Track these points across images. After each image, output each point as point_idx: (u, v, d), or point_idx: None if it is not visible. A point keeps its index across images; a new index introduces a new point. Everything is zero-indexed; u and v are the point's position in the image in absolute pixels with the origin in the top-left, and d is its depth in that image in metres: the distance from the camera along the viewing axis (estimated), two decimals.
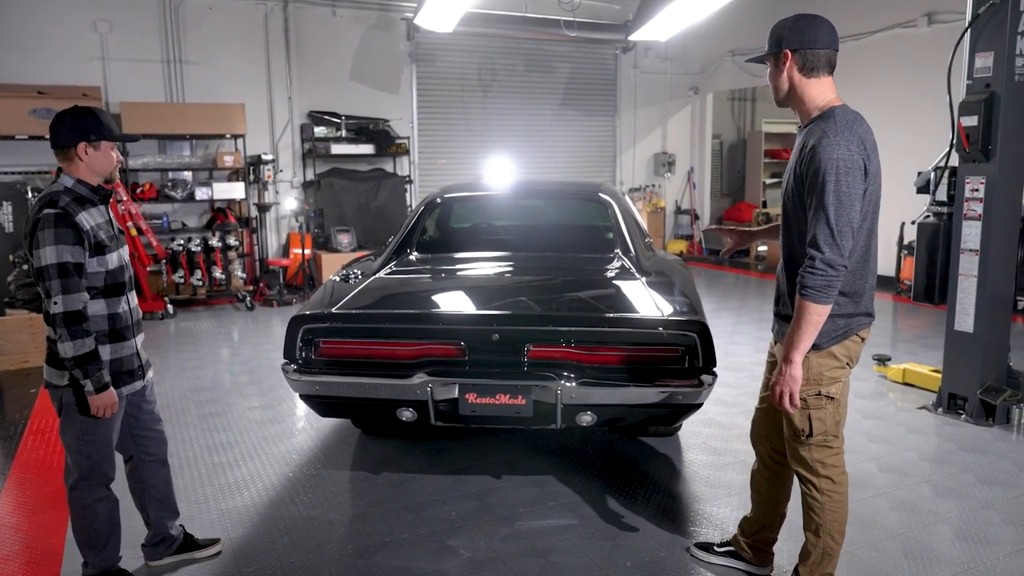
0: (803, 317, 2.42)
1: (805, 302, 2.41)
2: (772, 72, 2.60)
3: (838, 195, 2.35)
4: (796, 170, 2.52)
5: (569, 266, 4.36)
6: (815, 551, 2.75)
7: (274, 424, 4.98)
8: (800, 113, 2.59)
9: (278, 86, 10.02)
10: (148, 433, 3.07)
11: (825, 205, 2.36)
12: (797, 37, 2.51)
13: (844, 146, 2.38)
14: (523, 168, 11.67)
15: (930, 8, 9.30)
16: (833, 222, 2.35)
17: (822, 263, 2.37)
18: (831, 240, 2.36)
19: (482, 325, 3.48)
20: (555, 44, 11.72)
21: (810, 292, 2.39)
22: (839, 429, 2.69)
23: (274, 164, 9.87)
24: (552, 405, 3.41)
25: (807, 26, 2.50)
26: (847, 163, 2.36)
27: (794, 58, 2.50)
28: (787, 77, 2.54)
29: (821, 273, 2.37)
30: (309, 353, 3.57)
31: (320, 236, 10.08)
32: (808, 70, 2.51)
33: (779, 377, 2.52)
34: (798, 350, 2.47)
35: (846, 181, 2.36)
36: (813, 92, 2.52)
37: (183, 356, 6.83)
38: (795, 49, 2.50)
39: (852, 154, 2.38)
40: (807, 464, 2.68)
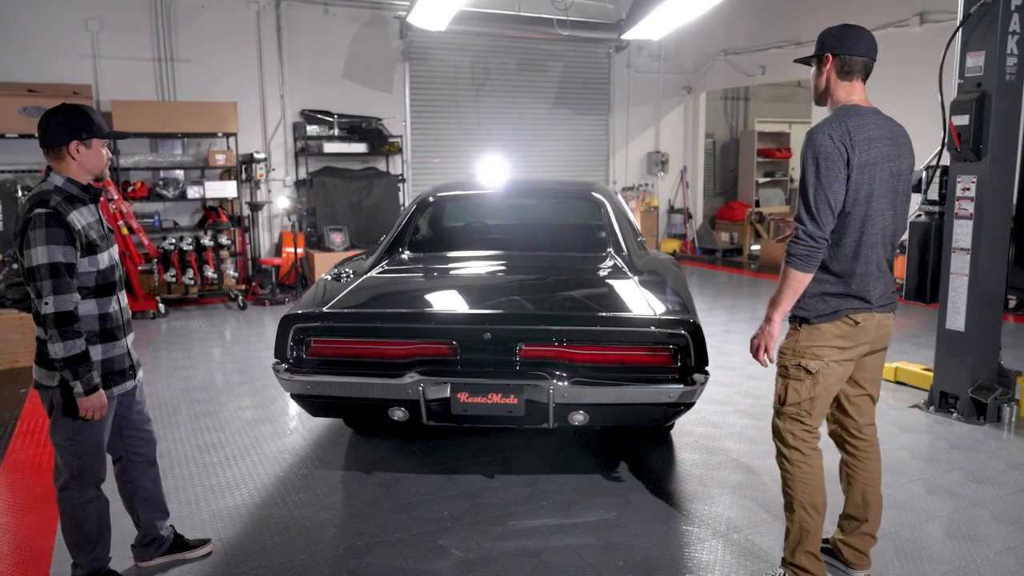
0: (785, 281, 2.69)
1: (789, 268, 2.68)
2: (814, 72, 2.82)
3: (817, 176, 2.61)
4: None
5: (561, 265, 4.36)
6: (793, 528, 2.88)
7: (266, 424, 4.96)
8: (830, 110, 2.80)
9: (270, 84, 9.99)
10: (137, 433, 3.05)
11: (806, 184, 2.64)
12: (839, 43, 2.73)
13: (827, 134, 2.63)
14: (516, 167, 11.66)
15: (922, 8, 9.33)
16: (811, 199, 2.62)
17: (804, 234, 2.63)
18: (809, 214, 2.63)
19: (474, 324, 3.47)
20: (548, 43, 11.71)
21: (793, 260, 2.66)
22: (813, 407, 2.81)
23: (266, 163, 9.83)
24: (544, 404, 3.40)
25: (850, 34, 2.73)
26: (826, 149, 2.62)
27: (834, 61, 2.73)
28: (826, 78, 2.76)
29: (803, 243, 2.64)
30: (300, 352, 3.56)
31: (313, 235, 10.05)
32: (845, 73, 2.73)
33: (758, 331, 2.79)
34: (778, 310, 2.72)
35: (824, 165, 2.61)
36: (841, 93, 2.75)
37: (175, 355, 6.80)
38: (836, 53, 2.72)
39: (833, 142, 2.62)
40: (780, 435, 2.87)
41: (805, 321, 2.77)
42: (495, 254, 4.59)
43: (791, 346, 2.79)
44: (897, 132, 2.80)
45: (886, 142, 2.72)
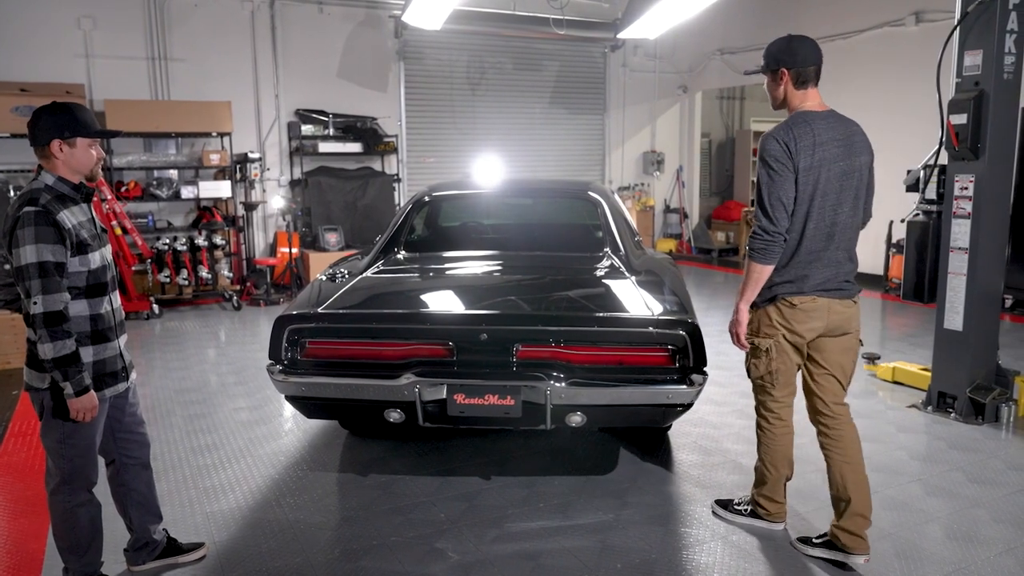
0: (747, 274, 3.04)
1: (749, 261, 3.02)
2: (770, 84, 3.11)
3: (770, 177, 2.93)
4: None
5: (558, 265, 4.33)
6: (756, 474, 3.43)
7: (261, 425, 4.92)
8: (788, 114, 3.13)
9: (265, 84, 9.94)
10: (130, 436, 3.01)
11: (760, 185, 2.97)
12: (792, 57, 3.02)
13: (774, 139, 2.95)
14: (512, 167, 11.63)
15: (918, 7, 9.33)
16: (765, 197, 2.94)
17: (760, 229, 2.95)
18: (763, 212, 2.94)
19: (470, 325, 3.44)
20: (544, 42, 11.69)
21: (752, 253, 2.99)
22: (775, 380, 3.21)
23: (261, 162, 9.79)
24: (541, 406, 3.37)
25: (799, 47, 3.03)
26: (775, 153, 2.94)
27: (790, 75, 3.03)
28: (783, 89, 3.07)
29: (760, 238, 2.96)
30: (295, 354, 3.52)
31: (307, 235, 10.01)
32: (800, 83, 3.04)
33: (732, 319, 3.17)
34: (743, 299, 3.09)
35: (776, 167, 2.93)
36: (796, 100, 3.07)
37: (169, 356, 6.75)
38: (790, 67, 3.02)
39: (780, 147, 2.94)
40: (756, 404, 3.34)
41: (755, 305, 3.15)
42: (491, 254, 4.56)
43: (749, 328, 3.18)
44: (851, 132, 3.06)
45: (836, 144, 2.98)
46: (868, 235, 10.07)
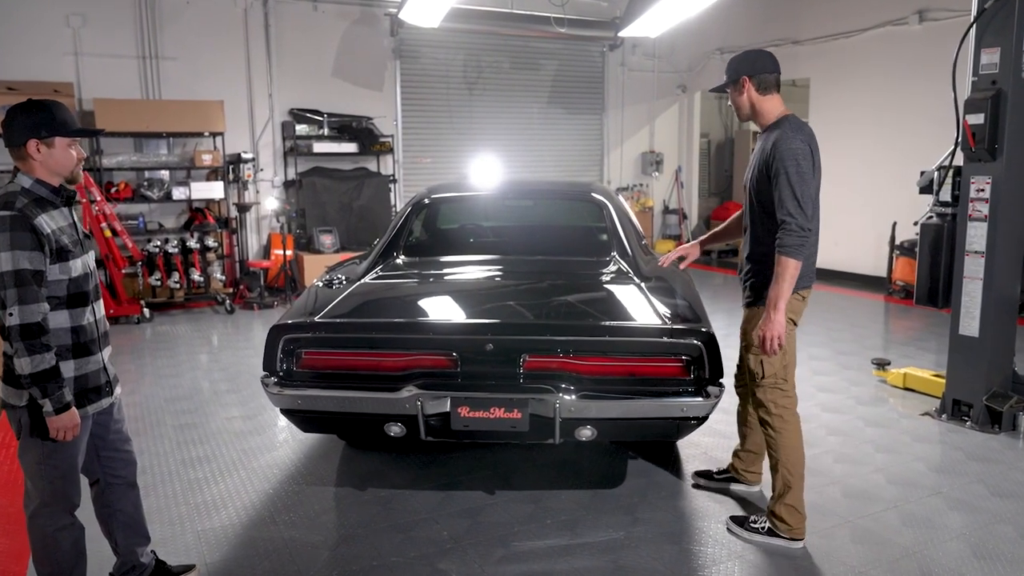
0: (784, 273, 3.02)
1: (785, 258, 3.01)
2: (734, 96, 3.28)
3: (799, 174, 3.01)
4: (760, 164, 3.18)
5: (564, 270, 4.16)
6: (779, 485, 3.29)
7: (254, 436, 4.75)
8: (760, 123, 3.28)
9: (258, 83, 9.75)
10: (116, 454, 2.83)
11: (791, 183, 3.01)
12: (750, 66, 3.22)
13: (799, 140, 3.07)
14: (510, 167, 11.47)
15: (922, 6, 9.20)
16: (799, 195, 3.01)
17: (796, 226, 3.00)
18: (799, 209, 3.01)
19: (475, 335, 3.27)
20: (541, 41, 11.52)
21: (788, 249, 3.01)
22: (788, 374, 3.26)
23: (254, 163, 9.60)
24: (550, 419, 3.21)
25: (756, 57, 3.24)
26: (802, 152, 3.05)
27: (751, 82, 3.20)
28: (747, 98, 3.24)
29: (796, 234, 3.00)
30: (290, 365, 3.36)
31: (302, 237, 9.82)
32: (763, 90, 3.21)
33: (767, 324, 3.07)
34: (783, 298, 3.05)
35: (804, 165, 3.04)
36: (768, 106, 3.23)
37: (159, 362, 6.57)
38: (751, 75, 3.21)
39: (804, 146, 3.07)
40: (764, 405, 3.27)
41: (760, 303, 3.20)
42: (494, 258, 4.39)
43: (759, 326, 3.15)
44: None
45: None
46: (871, 237, 10.01)
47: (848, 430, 4.77)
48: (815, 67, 10.63)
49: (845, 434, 4.70)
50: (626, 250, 4.24)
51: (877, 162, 9.62)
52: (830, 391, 5.54)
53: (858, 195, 9.88)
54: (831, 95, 10.36)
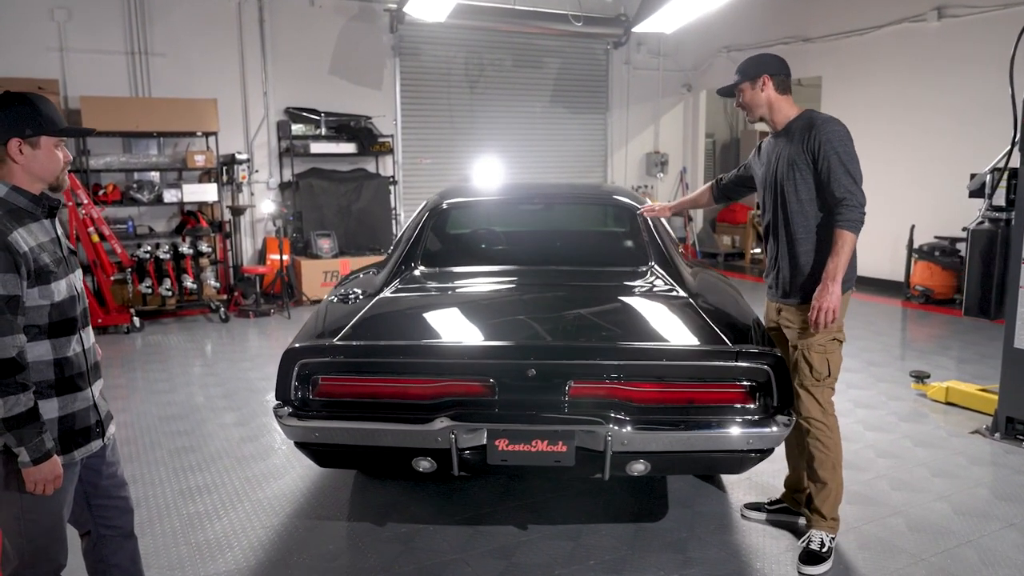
0: (845, 245, 2.98)
1: (847, 232, 2.98)
2: (751, 94, 3.21)
3: (849, 154, 3.01)
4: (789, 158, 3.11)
5: (602, 282, 3.80)
6: (834, 487, 3.20)
7: (258, 461, 4.37)
8: (775, 122, 3.23)
9: (253, 81, 9.35)
10: (110, 502, 2.45)
11: (844, 162, 2.99)
12: (770, 66, 3.19)
13: (838, 123, 3.07)
14: (512, 168, 11.13)
15: (941, 2, 8.90)
16: (855, 173, 3.01)
17: (856, 201, 2.98)
18: (855, 185, 3.00)
19: (516, 358, 2.91)
20: (544, 38, 11.18)
21: (850, 224, 2.98)
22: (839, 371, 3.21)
23: (249, 164, 9.20)
24: (599, 453, 2.86)
25: (772, 59, 3.22)
26: (846, 133, 3.05)
27: (772, 81, 3.17)
28: (766, 96, 3.19)
29: (858, 209, 2.99)
30: (306, 393, 2.98)
31: (299, 241, 9.43)
32: (783, 90, 3.20)
33: (824, 295, 2.98)
34: (840, 271, 2.99)
35: (851, 145, 3.04)
36: (785, 106, 3.21)
37: (151, 375, 6.17)
38: (773, 74, 3.18)
39: (845, 128, 3.06)
40: (820, 405, 3.15)
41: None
42: (522, 269, 4.02)
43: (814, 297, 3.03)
44: None
45: None
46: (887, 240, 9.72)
47: (897, 451, 4.44)
48: (826, 65, 10.33)
49: (895, 456, 4.37)
50: (666, 259, 3.89)
51: (893, 162, 9.32)
52: (868, 407, 5.21)
53: (874, 197, 9.47)
54: (844, 93, 10.06)
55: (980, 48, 8.48)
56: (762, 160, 3.33)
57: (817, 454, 3.18)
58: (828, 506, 3.21)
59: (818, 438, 3.17)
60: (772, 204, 3.24)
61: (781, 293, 3.24)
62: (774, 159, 3.21)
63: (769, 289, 3.35)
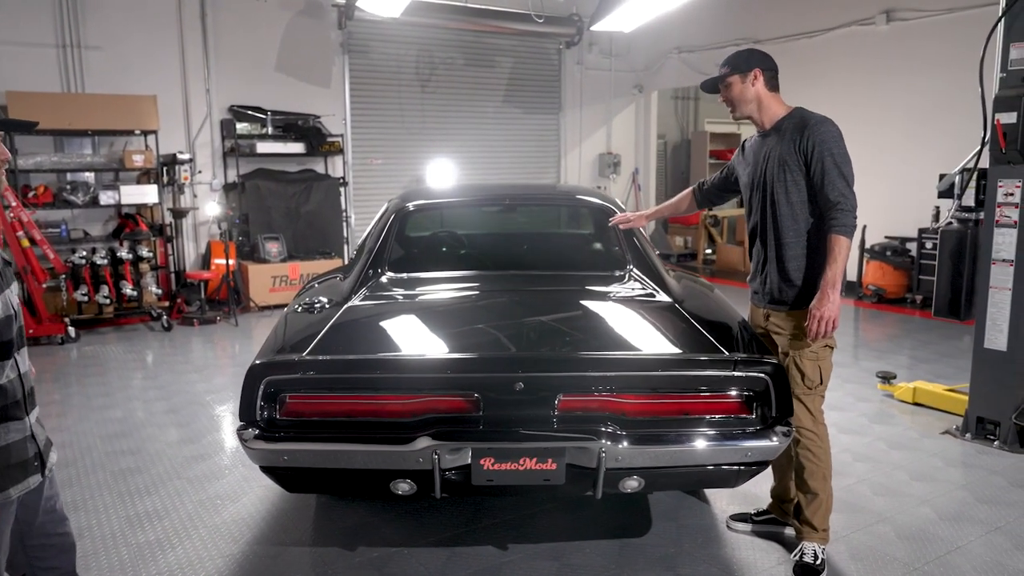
0: (842, 251, 2.87)
1: (842, 238, 2.86)
2: (740, 88, 3.05)
3: (843, 157, 2.89)
4: (779, 159, 2.99)
5: (581, 287, 3.62)
6: (824, 498, 3.10)
7: (212, 481, 4.07)
8: (763, 120, 3.09)
9: (194, 77, 8.93)
10: (47, 540, 2.17)
11: (837, 164, 2.88)
12: (762, 61, 3.05)
13: (832, 124, 2.95)
14: (465, 169, 10.94)
15: (888, 5, 9.04)
16: (847, 176, 2.90)
17: (850, 205, 2.88)
18: (848, 189, 2.89)
19: (502, 371, 2.72)
20: (496, 37, 11.01)
21: (844, 228, 2.86)
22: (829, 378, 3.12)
23: (191, 164, 8.77)
24: (591, 470, 2.69)
25: (763, 56, 3.08)
26: (839, 134, 2.93)
27: (764, 76, 3.03)
28: (756, 91, 3.04)
29: (851, 213, 2.88)
30: (272, 412, 2.73)
31: (245, 244, 9.04)
32: (773, 87, 3.07)
33: (824, 304, 2.86)
34: (839, 278, 2.88)
35: (844, 147, 2.92)
36: (774, 103, 3.08)
37: (89, 390, 5.77)
38: (764, 69, 3.04)
39: (837, 128, 2.94)
40: (811, 415, 3.06)
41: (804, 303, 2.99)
42: (496, 275, 3.82)
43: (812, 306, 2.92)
44: None
45: None
46: None
47: (873, 455, 4.40)
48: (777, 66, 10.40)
49: (872, 460, 4.32)
50: (646, 262, 3.74)
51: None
52: (838, 408, 5.17)
53: None
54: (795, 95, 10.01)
55: (928, 50, 8.64)
56: (747, 160, 3.21)
57: (807, 464, 3.08)
58: (819, 517, 3.11)
59: (808, 448, 3.07)
60: (760, 206, 3.11)
61: (769, 298, 3.12)
62: (762, 159, 3.09)
63: (755, 294, 3.23)
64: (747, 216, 3.22)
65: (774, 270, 3.08)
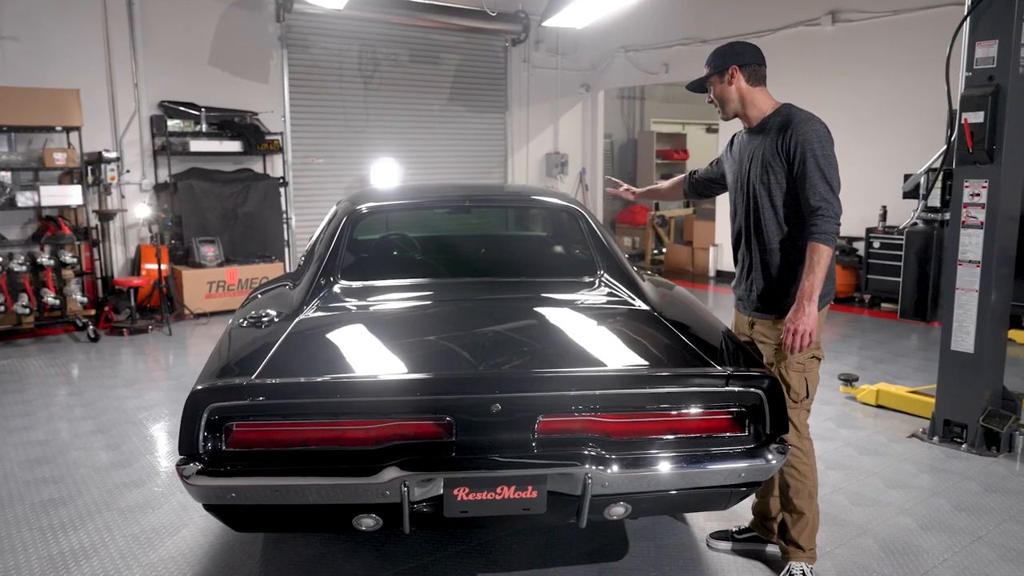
0: (820, 261, 2.70)
1: (822, 246, 2.70)
2: (721, 89, 2.91)
3: (827, 158, 2.73)
4: (765, 158, 2.83)
5: (553, 295, 3.38)
6: (811, 517, 2.95)
7: (146, 512, 3.70)
8: (749, 118, 2.93)
9: (121, 70, 8.39)
10: None
11: (820, 167, 2.72)
12: (740, 56, 2.88)
13: (818, 122, 2.79)
14: (410, 169, 10.63)
15: (834, 6, 9.10)
16: (829, 178, 2.73)
17: (832, 212, 2.71)
18: (831, 193, 2.73)
19: (477, 392, 2.46)
20: (441, 33, 10.73)
21: (825, 237, 2.70)
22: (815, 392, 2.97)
23: (118, 163, 8.23)
24: (575, 497, 2.46)
25: (744, 48, 2.91)
26: (825, 134, 2.77)
27: (741, 72, 2.87)
28: (736, 89, 2.89)
29: (832, 220, 2.71)
30: (217, 444, 2.42)
31: (179, 248, 8.54)
32: (755, 80, 2.89)
33: (799, 317, 2.70)
34: (817, 289, 2.72)
35: (830, 148, 2.76)
36: (760, 99, 2.91)
37: (7, 409, 5.28)
38: (741, 64, 2.87)
39: (824, 128, 2.78)
40: (796, 430, 2.88)
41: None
42: (457, 282, 3.55)
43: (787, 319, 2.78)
44: None
45: None
46: None
47: (844, 461, 4.30)
48: None
49: (844, 467, 4.22)
50: (618, 268, 3.53)
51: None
52: None
53: None
54: None
55: (873, 51, 8.72)
56: (734, 158, 3.04)
57: (792, 482, 2.93)
58: (805, 537, 2.96)
59: (794, 465, 2.91)
60: (744, 208, 2.96)
61: (754, 306, 2.96)
62: (747, 159, 2.93)
63: (739, 301, 3.07)
64: (731, 217, 3.05)
65: (759, 277, 2.92)
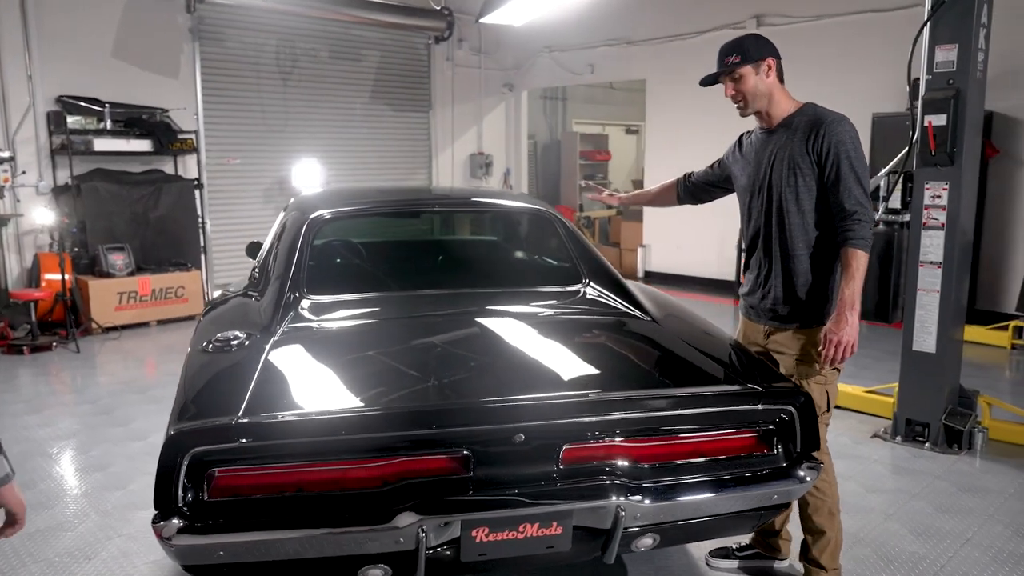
0: (860, 267, 2.57)
1: (861, 252, 2.57)
2: (752, 81, 2.69)
3: (860, 161, 2.60)
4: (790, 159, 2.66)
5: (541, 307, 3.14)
6: (834, 534, 2.82)
7: (81, 563, 3.25)
8: (771, 116, 2.75)
9: (12, 61, 7.61)
10: None
11: (855, 169, 2.59)
12: (770, 49, 2.69)
13: (849, 123, 2.63)
14: (333, 169, 10.19)
15: (759, 11, 9.25)
16: (864, 183, 2.60)
17: (868, 216, 2.59)
18: (867, 199, 2.60)
19: (498, 421, 2.21)
20: (362, 28, 10.33)
21: (864, 243, 2.58)
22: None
23: (11, 164, 7.47)
24: (603, 531, 2.25)
25: (767, 42, 2.71)
26: (856, 135, 2.63)
27: (776, 65, 2.71)
28: (768, 84, 2.70)
29: (869, 224, 2.59)
30: (199, 494, 2.07)
31: (83, 257, 7.83)
32: (782, 78, 2.75)
33: (842, 327, 2.54)
34: (858, 298, 2.57)
35: (862, 151, 2.63)
36: (785, 97, 2.75)
37: None
38: (778, 58, 2.71)
39: (854, 129, 2.63)
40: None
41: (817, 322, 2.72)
42: (435, 294, 3.25)
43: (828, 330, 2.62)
44: None
45: None
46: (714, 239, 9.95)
47: None
48: (650, 68, 10.44)
49: None
50: (608, 275, 3.33)
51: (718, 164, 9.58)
52: None
53: None
54: (668, 96, 10.22)
55: (797, 55, 8.87)
56: (748, 159, 2.87)
57: (812, 500, 2.80)
58: (828, 556, 2.84)
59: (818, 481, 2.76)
60: (764, 212, 2.78)
61: (772, 315, 2.80)
62: (767, 160, 2.75)
63: (751, 309, 2.92)
64: (745, 222, 2.90)
65: (779, 284, 2.76)
